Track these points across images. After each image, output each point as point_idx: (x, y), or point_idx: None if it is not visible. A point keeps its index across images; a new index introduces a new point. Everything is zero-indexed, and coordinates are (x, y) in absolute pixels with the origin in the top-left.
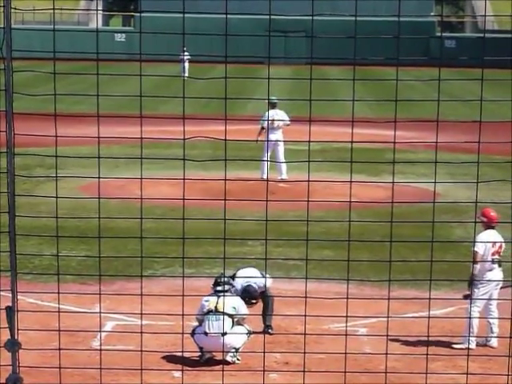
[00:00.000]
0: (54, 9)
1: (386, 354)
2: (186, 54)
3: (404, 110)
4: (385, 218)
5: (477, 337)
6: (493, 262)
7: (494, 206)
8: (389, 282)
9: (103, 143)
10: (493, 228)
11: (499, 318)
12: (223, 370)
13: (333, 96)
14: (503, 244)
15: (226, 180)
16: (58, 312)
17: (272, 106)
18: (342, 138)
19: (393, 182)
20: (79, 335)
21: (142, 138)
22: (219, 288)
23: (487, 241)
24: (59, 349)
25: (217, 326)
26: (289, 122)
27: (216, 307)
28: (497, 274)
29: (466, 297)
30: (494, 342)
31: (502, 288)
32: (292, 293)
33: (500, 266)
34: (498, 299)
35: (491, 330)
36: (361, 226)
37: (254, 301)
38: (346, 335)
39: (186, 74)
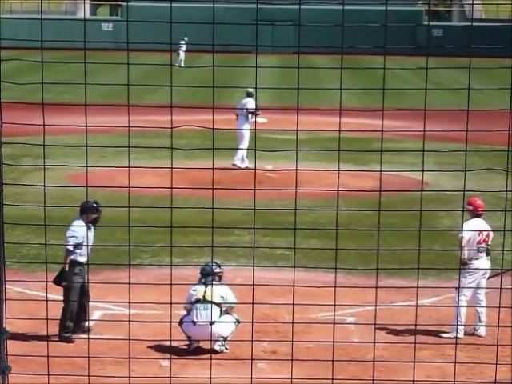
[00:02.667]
0: None
1: (374, 342)
2: (182, 43)
3: (392, 99)
4: (372, 207)
5: (465, 325)
6: (479, 250)
7: (481, 195)
8: (376, 271)
9: (90, 132)
10: (479, 216)
11: (487, 307)
12: (211, 359)
13: (320, 85)
14: (491, 233)
15: (213, 169)
16: (46, 301)
17: (247, 95)
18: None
19: (380, 171)
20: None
21: (129, 126)
22: (207, 277)
23: (474, 229)
24: (47, 338)
25: (205, 315)
26: (254, 111)
27: (204, 296)
28: (484, 262)
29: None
30: (482, 330)
31: (489, 278)
32: (279, 282)
33: (488, 254)
34: (486, 288)
35: (479, 319)
36: (348, 216)
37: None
38: (334, 324)
39: (183, 64)
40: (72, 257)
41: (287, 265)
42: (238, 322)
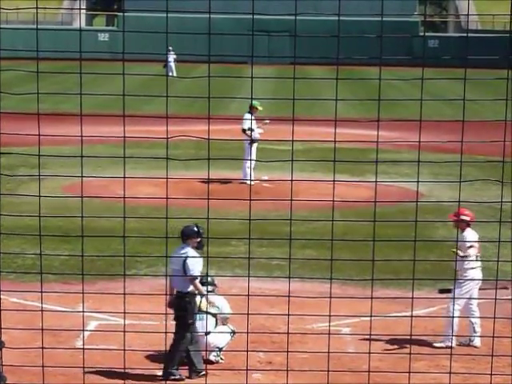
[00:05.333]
0: (37, 8)
1: (369, 353)
2: (172, 53)
3: (388, 110)
4: (368, 217)
5: (457, 336)
6: (476, 260)
7: (476, 206)
8: (372, 281)
9: (86, 143)
10: (469, 226)
11: (481, 318)
12: (206, 370)
13: (316, 96)
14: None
15: (208, 180)
16: (41, 311)
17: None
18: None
19: (375, 182)
20: (62, 335)
21: (124, 137)
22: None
23: (475, 239)
24: (42, 348)
25: (200, 326)
26: (246, 128)
27: (199, 307)
28: (478, 272)
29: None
30: (477, 341)
31: (480, 289)
32: (275, 292)
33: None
34: (479, 298)
35: (474, 330)
36: (344, 226)
37: None
38: (329, 335)
39: (175, 74)
40: (190, 288)
41: (283, 275)
42: (233, 332)
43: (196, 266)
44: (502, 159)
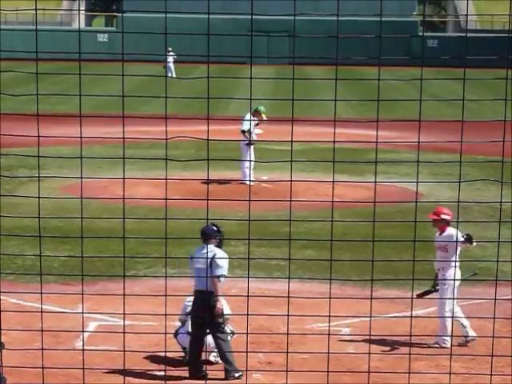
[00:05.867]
0: (36, 9)
1: (369, 353)
2: (171, 54)
3: (387, 110)
4: (367, 218)
5: (451, 336)
6: (456, 260)
7: (476, 206)
8: (371, 281)
9: (85, 143)
10: (449, 225)
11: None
12: (206, 370)
13: (316, 96)
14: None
15: (208, 180)
16: (41, 312)
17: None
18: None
19: (375, 182)
20: (62, 335)
21: (124, 138)
22: None
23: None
24: (42, 349)
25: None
26: (244, 130)
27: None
28: (459, 271)
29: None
30: (470, 332)
31: (468, 278)
32: (275, 293)
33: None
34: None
35: (463, 325)
36: (343, 226)
37: None
38: (329, 335)
39: (174, 75)
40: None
41: (282, 276)
42: (232, 333)
43: (225, 264)
44: (501, 159)
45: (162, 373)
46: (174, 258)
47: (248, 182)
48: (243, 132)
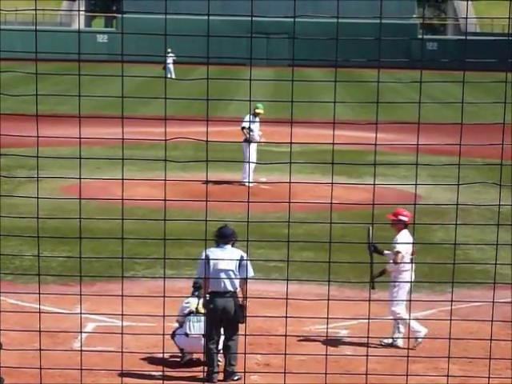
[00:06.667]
0: (36, 9)
1: (367, 355)
2: (171, 55)
3: (386, 113)
4: (366, 219)
5: (404, 338)
6: (411, 262)
7: (475, 208)
8: (369, 283)
9: (85, 144)
10: (407, 227)
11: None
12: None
13: (315, 98)
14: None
15: (207, 181)
16: (39, 313)
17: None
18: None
19: (374, 184)
20: (60, 336)
21: (123, 139)
22: (200, 290)
23: (408, 241)
24: (40, 349)
25: (198, 328)
26: (244, 127)
27: (197, 309)
28: (411, 274)
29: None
30: (400, 342)
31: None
32: (273, 294)
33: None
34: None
35: (398, 330)
36: (342, 228)
37: None
38: (327, 337)
39: (173, 76)
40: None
41: (281, 277)
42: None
43: (250, 266)
44: (500, 162)
45: (160, 374)
46: (172, 259)
47: (247, 184)
48: (243, 129)
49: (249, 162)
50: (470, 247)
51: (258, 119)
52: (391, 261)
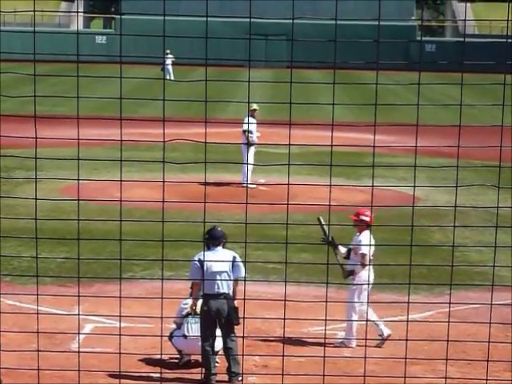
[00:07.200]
0: (34, 10)
1: (365, 357)
2: (169, 56)
3: (384, 114)
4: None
5: (357, 339)
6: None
7: (473, 211)
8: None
9: (83, 145)
10: (368, 228)
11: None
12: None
13: (313, 100)
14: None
15: (205, 183)
16: (37, 314)
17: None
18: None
19: (372, 186)
20: (58, 337)
21: (121, 140)
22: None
23: (372, 242)
24: (38, 350)
25: (196, 329)
26: (245, 130)
27: (195, 310)
28: (372, 275)
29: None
30: (353, 343)
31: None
32: (271, 296)
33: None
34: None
35: (376, 325)
36: (340, 230)
37: None
38: (325, 339)
39: (172, 77)
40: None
41: (279, 279)
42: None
43: (242, 266)
44: (498, 164)
45: (158, 375)
46: (170, 261)
47: (247, 185)
48: (244, 132)
49: (247, 164)
50: (468, 249)
51: (255, 118)
52: (358, 263)
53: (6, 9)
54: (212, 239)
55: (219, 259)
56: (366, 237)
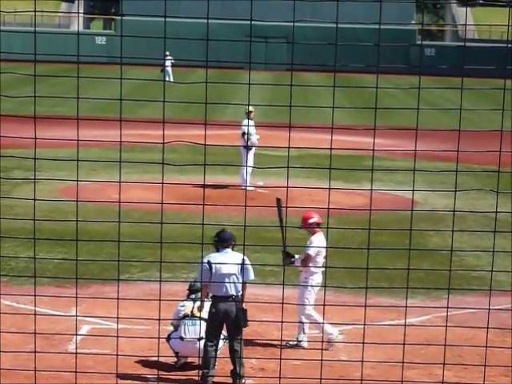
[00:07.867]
0: (35, 11)
1: (362, 361)
2: (169, 58)
3: (384, 118)
4: (362, 225)
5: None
6: (322, 266)
7: (471, 215)
8: (365, 289)
9: (82, 146)
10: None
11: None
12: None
13: (313, 103)
14: None
15: (204, 185)
16: (34, 315)
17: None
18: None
19: (371, 190)
20: (55, 338)
21: (120, 141)
22: (196, 293)
23: (322, 244)
24: (35, 351)
25: (193, 331)
26: (243, 132)
27: (192, 312)
28: (321, 277)
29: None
30: (304, 343)
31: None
32: (269, 299)
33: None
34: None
35: (303, 331)
36: (338, 233)
37: None
38: (322, 342)
39: (171, 79)
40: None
41: (276, 281)
42: (226, 338)
43: (251, 269)
44: (497, 168)
45: (155, 377)
46: (168, 263)
47: (246, 188)
48: (243, 134)
49: (246, 166)
50: (466, 254)
51: (252, 120)
52: (301, 259)
53: (6, 9)
54: (221, 241)
55: (228, 261)
56: (316, 238)
